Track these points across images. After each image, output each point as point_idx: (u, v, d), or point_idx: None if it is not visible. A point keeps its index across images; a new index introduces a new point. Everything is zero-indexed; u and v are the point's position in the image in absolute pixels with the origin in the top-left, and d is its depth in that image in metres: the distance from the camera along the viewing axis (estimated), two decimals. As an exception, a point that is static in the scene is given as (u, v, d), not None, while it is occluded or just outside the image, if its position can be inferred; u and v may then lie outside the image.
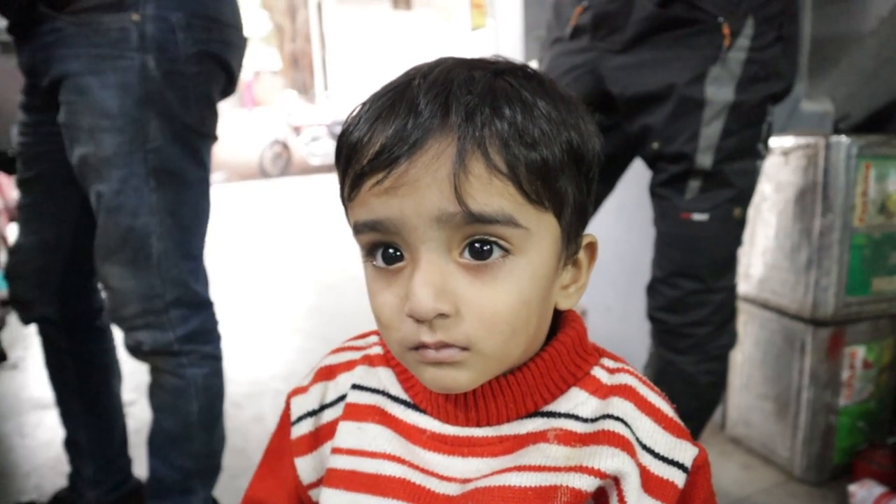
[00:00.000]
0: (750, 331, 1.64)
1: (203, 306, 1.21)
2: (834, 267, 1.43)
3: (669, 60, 1.14)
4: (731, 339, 1.27)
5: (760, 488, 1.52)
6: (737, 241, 1.21)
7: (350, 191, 0.42)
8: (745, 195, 1.18)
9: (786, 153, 1.50)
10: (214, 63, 1.13)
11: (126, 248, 1.10)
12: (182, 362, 1.18)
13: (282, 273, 3.88)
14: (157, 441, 1.24)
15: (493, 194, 0.39)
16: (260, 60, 13.32)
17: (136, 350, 1.17)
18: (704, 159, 1.13)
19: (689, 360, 1.22)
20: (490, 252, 0.40)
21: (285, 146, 9.15)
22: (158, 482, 1.24)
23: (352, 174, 0.41)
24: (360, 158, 0.40)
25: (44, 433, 1.90)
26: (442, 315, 0.40)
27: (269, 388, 2.19)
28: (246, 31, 1.23)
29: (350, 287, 3.43)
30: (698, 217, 1.16)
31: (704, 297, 1.20)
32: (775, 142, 1.52)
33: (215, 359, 1.24)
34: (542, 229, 0.42)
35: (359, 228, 0.43)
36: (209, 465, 1.29)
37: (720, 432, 1.76)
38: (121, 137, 1.05)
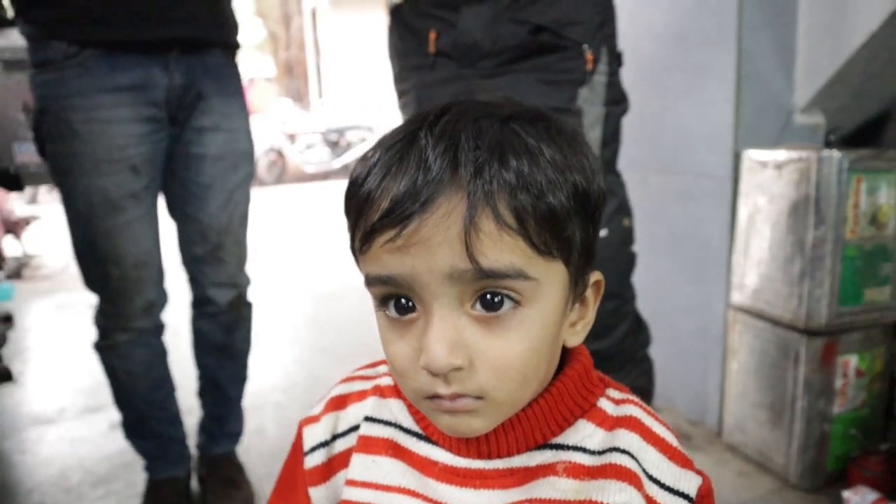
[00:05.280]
0: (745, 340, 1.66)
1: None
2: (826, 278, 1.46)
3: (541, 83, 1.21)
4: (646, 335, 1.34)
5: (756, 495, 1.55)
6: (632, 251, 1.29)
7: (361, 244, 0.43)
8: (626, 205, 1.27)
9: (779, 166, 1.52)
10: None
11: (243, 226, 1.52)
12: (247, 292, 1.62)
13: (278, 282, 3.88)
14: (237, 364, 1.64)
15: (503, 250, 0.39)
16: (254, 68, 13.33)
17: (238, 301, 1.56)
18: None
19: (623, 375, 1.26)
20: (501, 304, 0.41)
21: (280, 154, 9.13)
22: (232, 401, 1.69)
23: (363, 227, 0.42)
24: (371, 214, 0.41)
25: (45, 449, 1.90)
26: (456, 368, 0.41)
27: (269, 400, 2.19)
28: (239, 39, 1.51)
29: (348, 297, 3.43)
30: (600, 233, 1.22)
31: (622, 311, 1.27)
32: (769, 155, 1.55)
33: None
34: (550, 278, 0.43)
35: (371, 281, 0.43)
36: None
37: (717, 439, 1.78)
38: (250, 140, 1.49)
